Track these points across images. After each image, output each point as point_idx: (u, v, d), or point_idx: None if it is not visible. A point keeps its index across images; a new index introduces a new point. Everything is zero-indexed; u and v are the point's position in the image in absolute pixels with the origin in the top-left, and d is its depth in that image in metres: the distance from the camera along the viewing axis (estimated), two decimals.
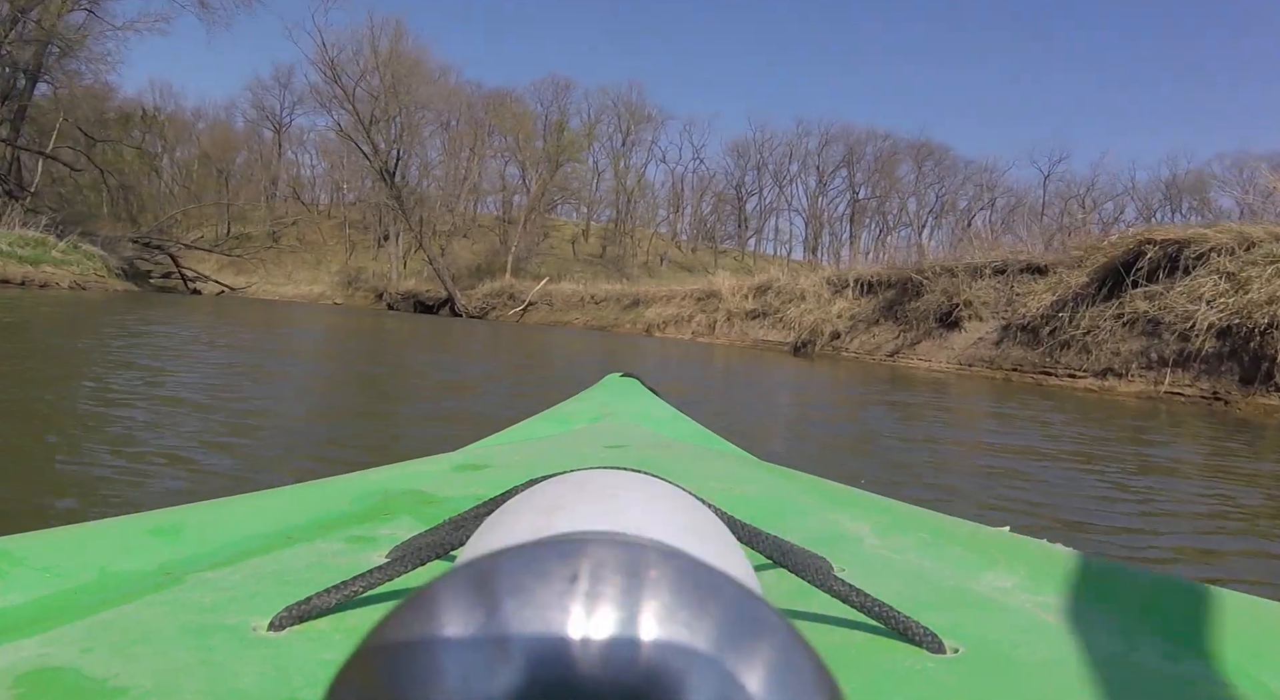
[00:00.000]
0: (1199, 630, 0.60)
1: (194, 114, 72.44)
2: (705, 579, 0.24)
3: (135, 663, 0.47)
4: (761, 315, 27.01)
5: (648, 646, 0.22)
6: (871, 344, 21.51)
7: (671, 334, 31.29)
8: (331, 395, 7.25)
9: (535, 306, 42.85)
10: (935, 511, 0.96)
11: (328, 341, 15.09)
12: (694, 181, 75.98)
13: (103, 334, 10.92)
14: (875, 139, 71.65)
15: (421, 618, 0.23)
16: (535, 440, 1.56)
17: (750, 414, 8.39)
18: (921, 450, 6.20)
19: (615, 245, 66.33)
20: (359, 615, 0.55)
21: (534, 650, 0.21)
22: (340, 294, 56.25)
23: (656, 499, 0.45)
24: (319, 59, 49.59)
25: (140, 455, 3.74)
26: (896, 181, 71.95)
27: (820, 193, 73.50)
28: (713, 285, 31.08)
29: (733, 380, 13.75)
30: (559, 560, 0.24)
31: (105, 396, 5.34)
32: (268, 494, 0.92)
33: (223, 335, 12.92)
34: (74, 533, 0.72)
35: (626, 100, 70.01)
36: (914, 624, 0.53)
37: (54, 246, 32.66)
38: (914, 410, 9.98)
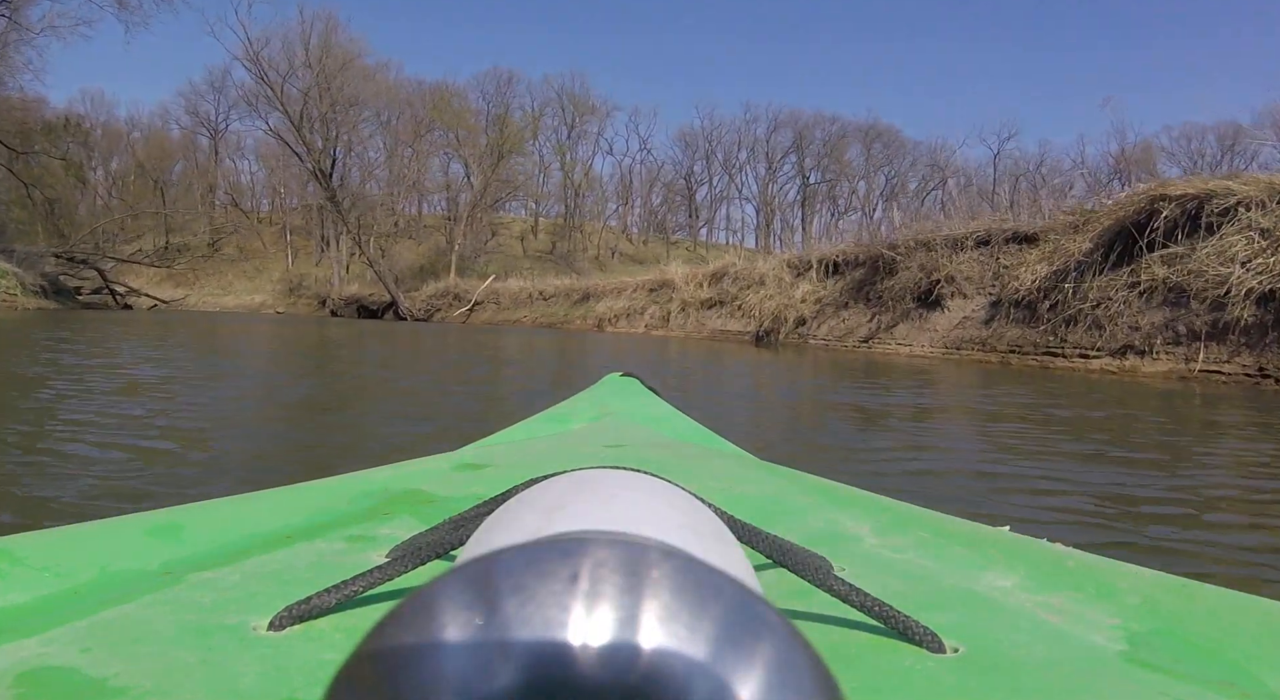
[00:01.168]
0: (1199, 630, 0.59)
1: (128, 123, 69.99)
2: (705, 579, 0.24)
3: (135, 663, 0.47)
4: (719, 304, 24.48)
5: (648, 646, 0.21)
6: (842, 330, 19.00)
7: (624, 328, 28.82)
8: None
9: (482, 306, 40.77)
10: (935, 511, 0.93)
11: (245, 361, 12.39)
12: (642, 173, 74.42)
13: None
14: (823, 123, 70.11)
15: (421, 617, 0.22)
16: (535, 440, 1.55)
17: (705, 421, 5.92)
18: (905, 461, 4.77)
19: (565, 241, 64.29)
20: (359, 615, 0.55)
21: (534, 650, 0.21)
22: (282, 302, 54.28)
23: (656, 498, 0.44)
24: (244, 55, 46.69)
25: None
26: (846, 165, 70.13)
27: (770, 179, 71.53)
28: (665, 275, 28.59)
29: (684, 378, 11.25)
30: (559, 560, 0.24)
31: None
32: (267, 494, 0.90)
33: (130, 359, 10.25)
34: (74, 533, 0.72)
35: (570, 92, 68.06)
36: (914, 624, 0.53)
37: None
38: (893, 408, 7.68)
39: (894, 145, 69.96)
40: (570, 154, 68.36)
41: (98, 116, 67.59)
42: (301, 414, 6.33)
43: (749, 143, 71.97)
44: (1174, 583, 0.69)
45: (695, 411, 2.15)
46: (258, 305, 54.11)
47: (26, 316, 25.01)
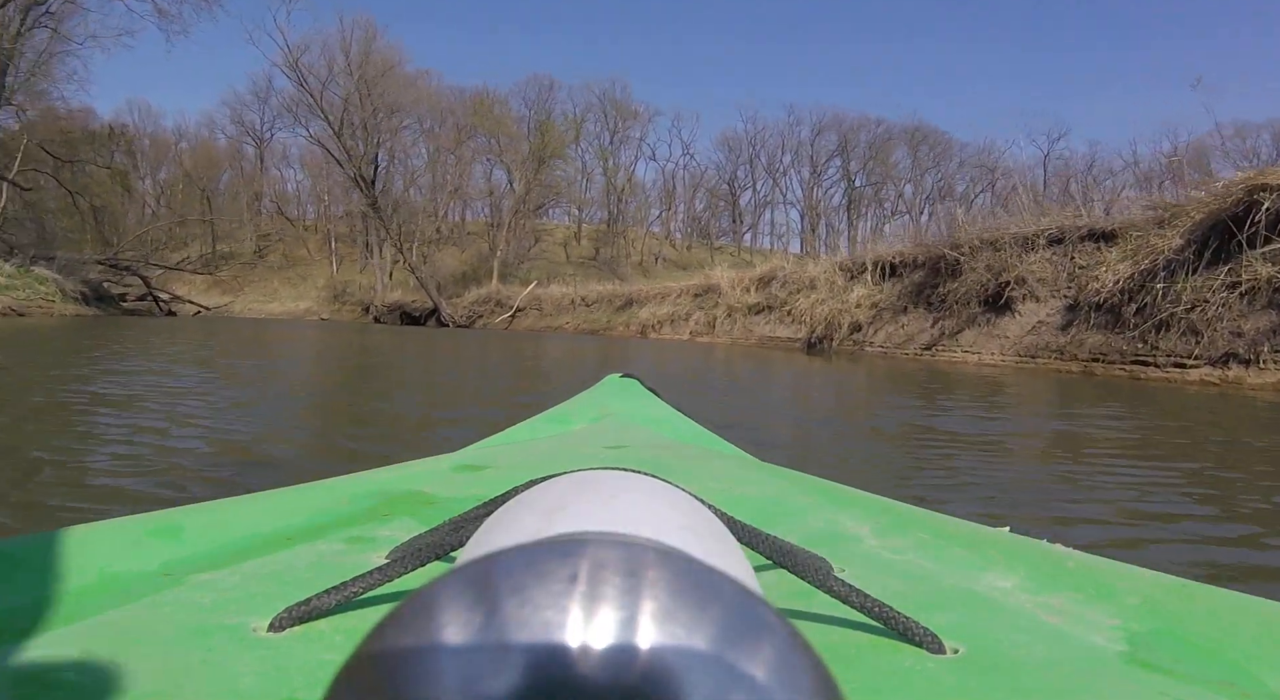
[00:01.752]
0: (1199, 630, 0.59)
1: (175, 133, 69.97)
2: (705, 579, 0.24)
3: (135, 663, 0.47)
4: (766, 309, 23.21)
5: (648, 647, 0.21)
6: (901, 336, 17.64)
7: (668, 335, 27.65)
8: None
9: (524, 312, 39.87)
10: (935, 511, 0.93)
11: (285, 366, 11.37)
12: (685, 178, 73.06)
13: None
14: (868, 125, 68.37)
15: (421, 619, 0.22)
16: (535, 441, 1.54)
17: (744, 438, 4.84)
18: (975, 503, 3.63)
19: (608, 246, 63.23)
20: (359, 616, 0.55)
21: (534, 651, 0.21)
22: (327, 309, 53.75)
23: (656, 499, 0.44)
24: (284, 62, 46.06)
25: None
26: (892, 168, 68.34)
27: (815, 183, 69.91)
28: (710, 280, 27.37)
29: (730, 389, 10.07)
30: (559, 561, 0.24)
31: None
32: (268, 495, 0.90)
33: (149, 372, 9.22)
34: (74, 534, 0.71)
35: (612, 96, 67.00)
36: (914, 624, 0.53)
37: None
38: (958, 428, 6.40)
39: (940, 147, 68.07)
40: (612, 159, 67.45)
41: (145, 126, 67.70)
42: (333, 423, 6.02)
43: (792, 146, 70.45)
44: (1174, 583, 0.68)
45: (737, 429, 1.90)
46: (302, 311, 53.67)
47: (62, 323, 24.36)
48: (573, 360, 15.26)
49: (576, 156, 66.71)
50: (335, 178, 57.03)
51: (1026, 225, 16.16)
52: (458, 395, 8.47)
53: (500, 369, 12.65)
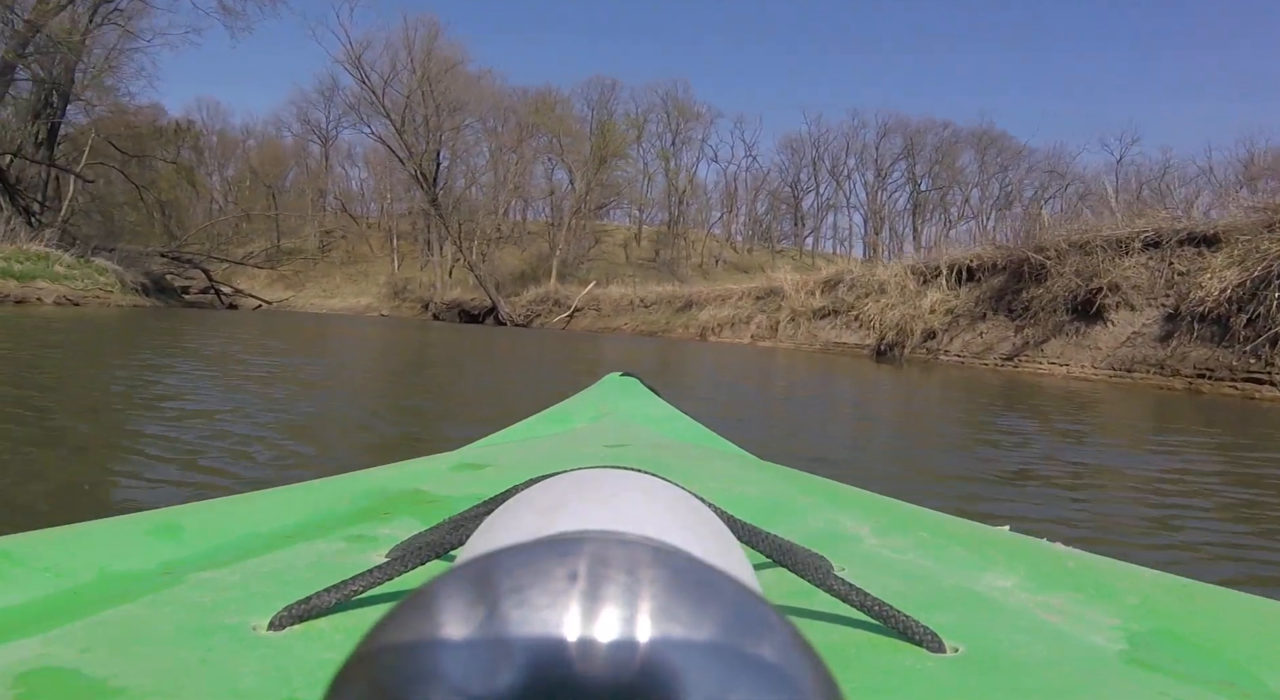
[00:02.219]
0: (1199, 630, 0.59)
1: (243, 131, 70.64)
2: (705, 578, 0.23)
3: (135, 663, 0.47)
4: (832, 313, 22.11)
5: (648, 645, 0.21)
6: (979, 345, 16.46)
7: (728, 338, 26.64)
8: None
9: (581, 312, 39.15)
10: (935, 511, 0.93)
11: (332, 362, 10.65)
12: (747, 180, 71.55)
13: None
14: (934, 128, 66.54)
15: (421, 617, 0.22)
16: (535, 439, 1.54)
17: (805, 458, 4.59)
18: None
19: (668, 248, 62.24)
20: (359, 615, 0.55)
21: (534, 649, 0.21)
22: (386, 305, 53.53)
23: (656, 498, 0.44)
24: (346, 58, 45.72)
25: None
26: (958, 172, 66.40)
27: (879, 186, 68.23)
28: (773, 282, 26.32)
29: (794, 400, 9.10)
30: (558, 559, 0.24)
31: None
32: (268, 494, 0.89)
33: (183, 365, 8.55)
34: (74, 533, 0.71)
35: (674, 97, 65.94)
36: (914, 623, 0.53)
37: (57, 261, 29.34)
38: (1044, 453, 5.41)
39: (1008, 151, 66.01)
40: (674, 160, 66.35)
41: (213, 124, 68.34)
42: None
43: (857, 149, 68.80)
44: (1174, 583, 0.69)
45: (799, 451, 2.30)
46: (363, 307, 53.54)
47: (117, 313, 24.11)
48: (630, 364, 14.36)
49: (638, 157, 65.92)
50: (397, 175, 56.73)
51: (1119, 227, 14.89)
52: (511, 398, 7.59)
53: (556, 371, 11.77)
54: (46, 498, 3.08)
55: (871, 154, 68.17)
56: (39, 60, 35.60)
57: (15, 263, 27.19)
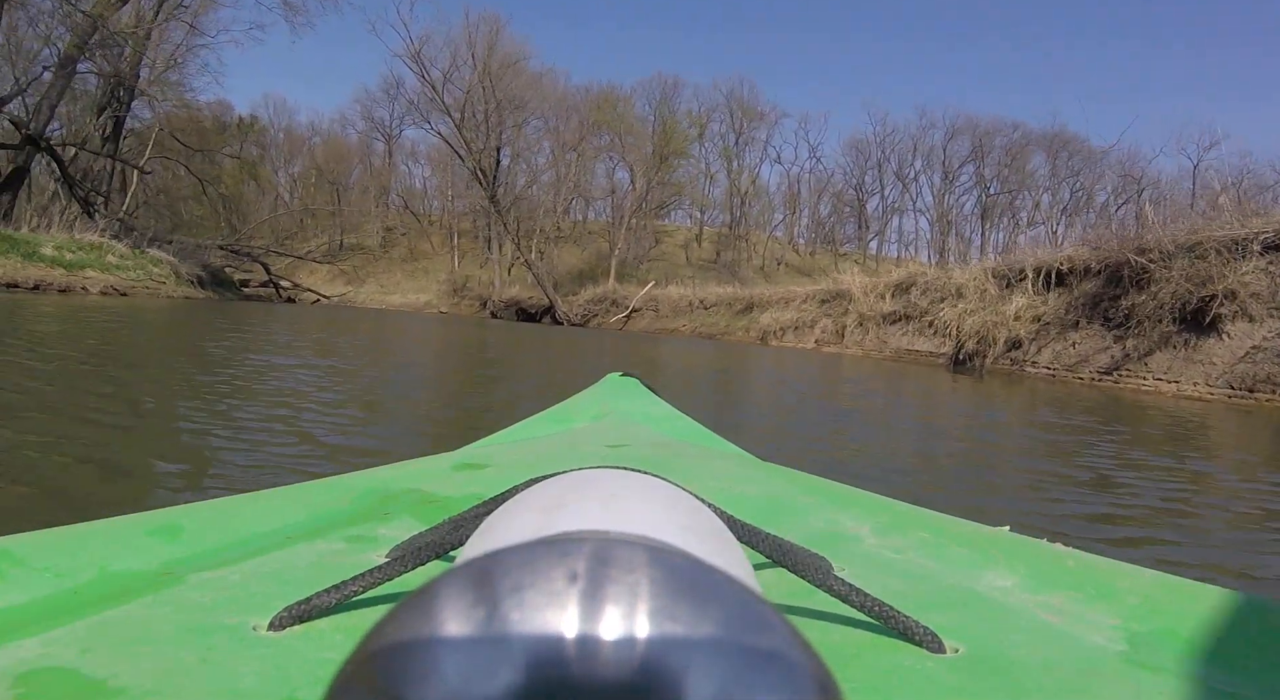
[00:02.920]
0: (1199, 629, 0.59)
1: (309, 128, 71.07)
2: (705, 578, 0.23)
3: (135, 663, 0.47)
4: (904, 319, 20.52)
5: (647, 645, 0.21)
6: (1072, 356, 14.79)
7: (791, 342, 25.14)
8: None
9: (639, 313, 37.92)
10: (935, 511, 0.92)
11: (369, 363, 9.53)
12: (811, 182, 69.62)
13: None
14: (1004, 130, 64.06)
15: (421, 617, 0.22)
16: (535, 439, 1.51)
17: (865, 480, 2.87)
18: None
19: (729, 249, 60.79)
20: (359, 615, 0.54)
21: (534, 649, 0.21)
22: (445, 302, 52.92)
23: (656, 498, 0.44)
24: (406, 53, 44.99)
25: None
26: (1029, 176, 63.93)
27: (947, 189, 65.93)
28: (840, 284, 24.76)
29: (848, 413, 7.77)
30: (559, 559, 0.23)
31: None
32: (268, 494, 0.88)
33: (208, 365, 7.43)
34: (74, 533, 0.70)
35: (738, 96, 64.39)
36: (914, 623, 0.53)
37: (109, 251, 28.96)
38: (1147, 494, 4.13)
39: (1080, 155, 63.25)
40: (737, 160, 64.76)
41: (280, 121, 68.96)
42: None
43: (924, 151, 66.54)
44: (1174, 583, 0.68)
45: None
46: (422, 305, 52.99)
47: (167, 305, 23.39)
48: (686, 370, 12.96)
49: (700, 157, 64.50)
50: (459, 173, 56.20)
51: (1234, 227, 13.15)
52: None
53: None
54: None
55: (939, 156, 65.98)
56: (104, 54, 35.33)
57: (67, 252, 26.94)
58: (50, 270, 24.86)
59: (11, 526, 0.69)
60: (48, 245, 26.52)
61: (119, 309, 17.14)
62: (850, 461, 4.87)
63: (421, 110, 52.09)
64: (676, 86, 63.19)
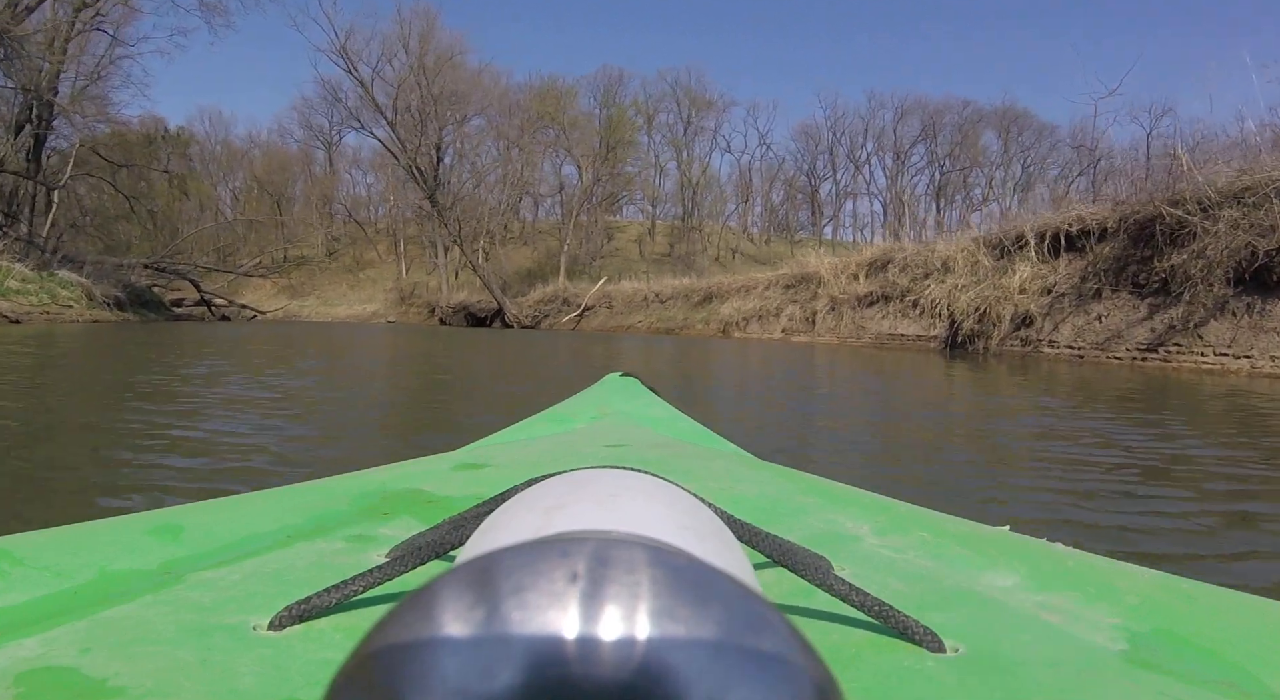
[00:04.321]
0: (1199, 630, 0.59)
1: (248, 140, 67.59)
2: (705, 578, 0.23)
3: (135, 663, 0.46)
4: (883, 300, 17.83)
5: (648, 645, 0.21)
6: (1099, 331, 12.09)
7: (755, 333, 22.47)
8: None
9: (593, 311, 35.27)
10: (935, 511, 0.90)
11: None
12: (762, 170, 67.12)
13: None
14: (954, 108, 62.00)
15: (421, 617, 0.22)
16: (535, 439, 1.47)
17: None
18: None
19: (683, 242, 58.16)
20: (359, 615, 0.54)
21: (534, 649, 0.21)
22: (394, 311, 49.86)
23: (656, 498, 0.44)
24: (332, 49, 41.83)
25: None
26: (980, 153, 61.77)
27: (899, 171, 63.62)
28: (806, 267, 22.05)
29: (836, 413, 5.20)
30: (559, 559, 0.23)
31: None
32: (268, 494, 0.87)
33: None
34: (74, 533, 0.70)
35: (685, 85, 61.66)
36: (914, 623, 0.52)
37: (9, 274, 25.78)
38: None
39: (1031, 130, 61.31)
40: (686, 151, 62.06)
41: (217, 134, 65.57)
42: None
43: (875, 133, 64.30)
44: (1174, 583, 0.67)
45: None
46: (369, 315, 49.95)
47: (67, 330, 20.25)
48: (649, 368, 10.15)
49: (649, 149, 61.74)
50: (402, 177, 53.02)
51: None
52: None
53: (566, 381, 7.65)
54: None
55: (890, 138, 63.73)
56: (15, 68, 32.13)
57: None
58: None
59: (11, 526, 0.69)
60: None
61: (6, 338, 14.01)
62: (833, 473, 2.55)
63: (352, 110, 48.97)
64: (622, 79, 60.57)
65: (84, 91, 36.31)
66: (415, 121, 45.39)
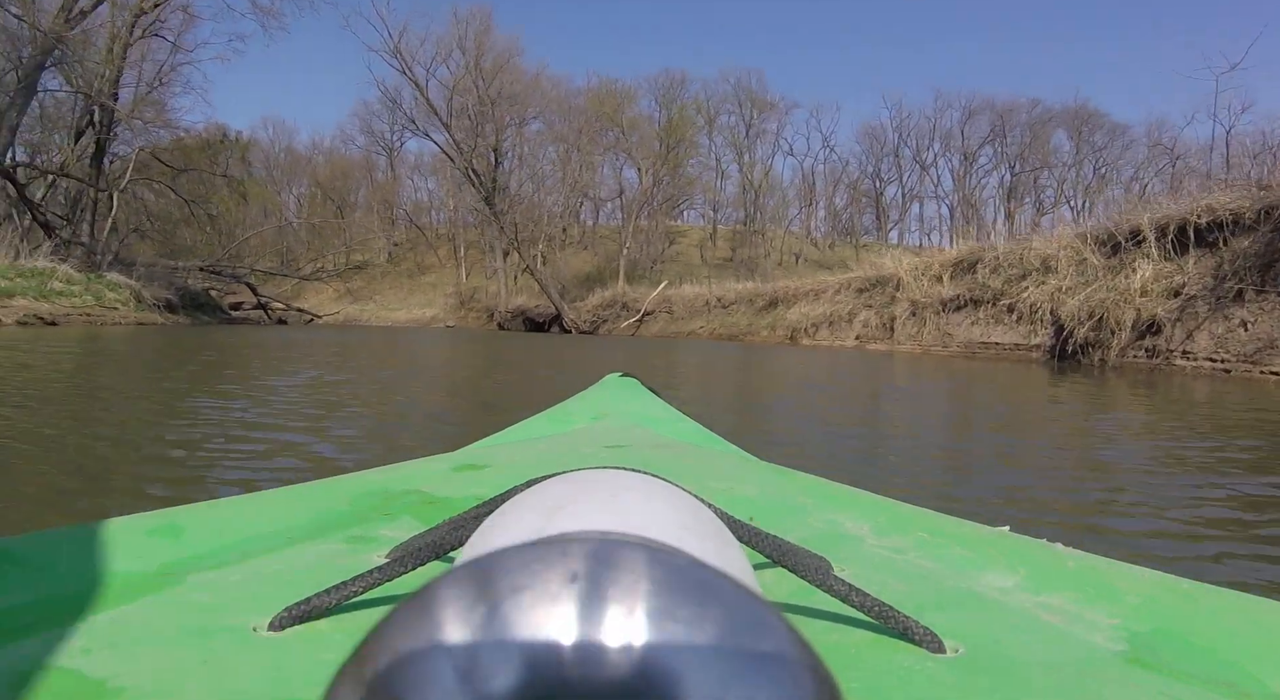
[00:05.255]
0: (1199, 630, 0.58)
1: (311, 146, 67.92)
2: (705, 578, 0.23)
3: (135, 663, 0.46)
4: (971, 304, 15.97)
5: (647, 646, 0.21)
6: (1247, 341, 10.18)
7: (826, 340, 20.73)
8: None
9: (653, 316, 33.75)
10: (935, 511, 0.90)
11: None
12: (825, 173, 64.93)
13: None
14: (1023, 107, 59.44)
15: (421, 618, 0.22)
16: (535, 440, 1.46)
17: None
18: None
19: (745, 247, 56.36)
20: (359, 616, 0.54)
21: (533, 650, 0.21)
22: (453, 315, 49.08)
23: (656, 499, 0.44)
24: (385, 49, 40.85)
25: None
26: (1050, 154, 59.16)
27: (966, 173, 61.06)
28: (882, 269, 20.24)
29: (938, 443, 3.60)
30: (558, 560, 0.23)
31: None
32: (268, 494, 0.87)
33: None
34: (74, 533, 0.69)
35: (746, 87, 59.87)
36: (914, 624, 0.52)
37: (54, 276, 24.97)
38: None
39: (1104, 130, 58.36)
40: (748, 154, 60.17)
41: (281, 141, 65.82)
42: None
43: (942, 135, 61.90)
44: (1174, 583, 0.67)
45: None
46: (429, 319, 49.20)
47: (105, 333, 19.28)
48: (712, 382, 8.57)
49: (710, 152, 60.01)
50: (460, 180, 52.07)
51: None
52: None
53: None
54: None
55: (957, 139, 61.26)
56: (78, 74, 31.81)
57: (1, 279, 22.80)
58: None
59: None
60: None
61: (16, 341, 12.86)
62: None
63: (408, 112, 48.05)
64: (684, 81, 58.94)
65: (145, 98, 36.06)
66: (472, 123, 44.30)
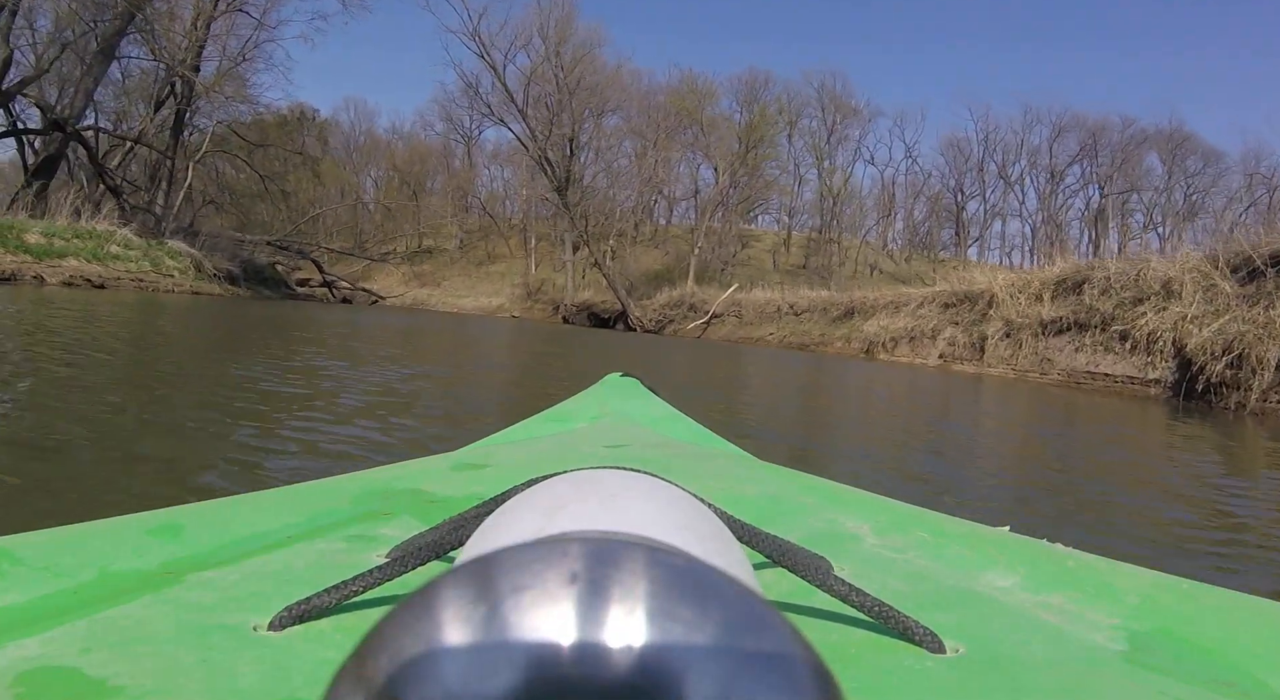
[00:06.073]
0: (1199, 630, 0.58)
1: (391, 130, 67.85)
2: (705, 578, 0.23)
3: (135, 663, 0.46)
4: (1076, 327, 14.33)
5: (648, 646, 0.21)
6: None
7: (905, 356, 19.20)
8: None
9: (720, 319, 32.33)
10: (935, 511, 0.89)
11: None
12: (906, 184, 62.66)
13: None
14: (1115, 127, 56.58)
15: (421, 618, 0.22)
16: (535, 440, 1.45)
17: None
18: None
19: (819, 255, 54.66)
20: (359, 615, 0.54)
21: (533, 650, 0.21)
22: (519, 306, 48.11)
23: (656, 498, 0.43)
24: (464, 31, 40.16)
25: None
26: (1141, 177, 56.36)
27: (1052, 192, 58.45)
28: (972, 284, 18.64)
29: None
30: (558, 560, 0.23)
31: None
32: (268, 494, 0.86)
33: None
34: (74, 532, 0.69)
35: (830, 90, 57.90)
36: (914, 623, 0.52)
37: (113, 239, 24.54)
38: None
39: (1198, 155, 55.39)
40: (829, 159, 58.31)
41: (361, 124, 65.93)
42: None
43: (1029, 151, 59.31)
44: (1174, 583, 0.67)
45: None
46: (494, 308, 48.38)
47: (160, 299, 18.95)
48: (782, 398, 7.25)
49: (789, 155, 58.25)
50: (534, 169, 51.32)
51: None
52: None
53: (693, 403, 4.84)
54: None
55: (1045, 156, 58.66)
56: (160, 46, 32.06)
57: (57, 239, 22.47)
58: (18, 257, 20.35)
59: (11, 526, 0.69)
60: (33, 231, 22.10)
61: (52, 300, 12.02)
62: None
63: (485, 98, 47.30)
64: (767, 82, 57.23)
65: (227, 72, 36.05)
66: (548, 112, 43.41)
